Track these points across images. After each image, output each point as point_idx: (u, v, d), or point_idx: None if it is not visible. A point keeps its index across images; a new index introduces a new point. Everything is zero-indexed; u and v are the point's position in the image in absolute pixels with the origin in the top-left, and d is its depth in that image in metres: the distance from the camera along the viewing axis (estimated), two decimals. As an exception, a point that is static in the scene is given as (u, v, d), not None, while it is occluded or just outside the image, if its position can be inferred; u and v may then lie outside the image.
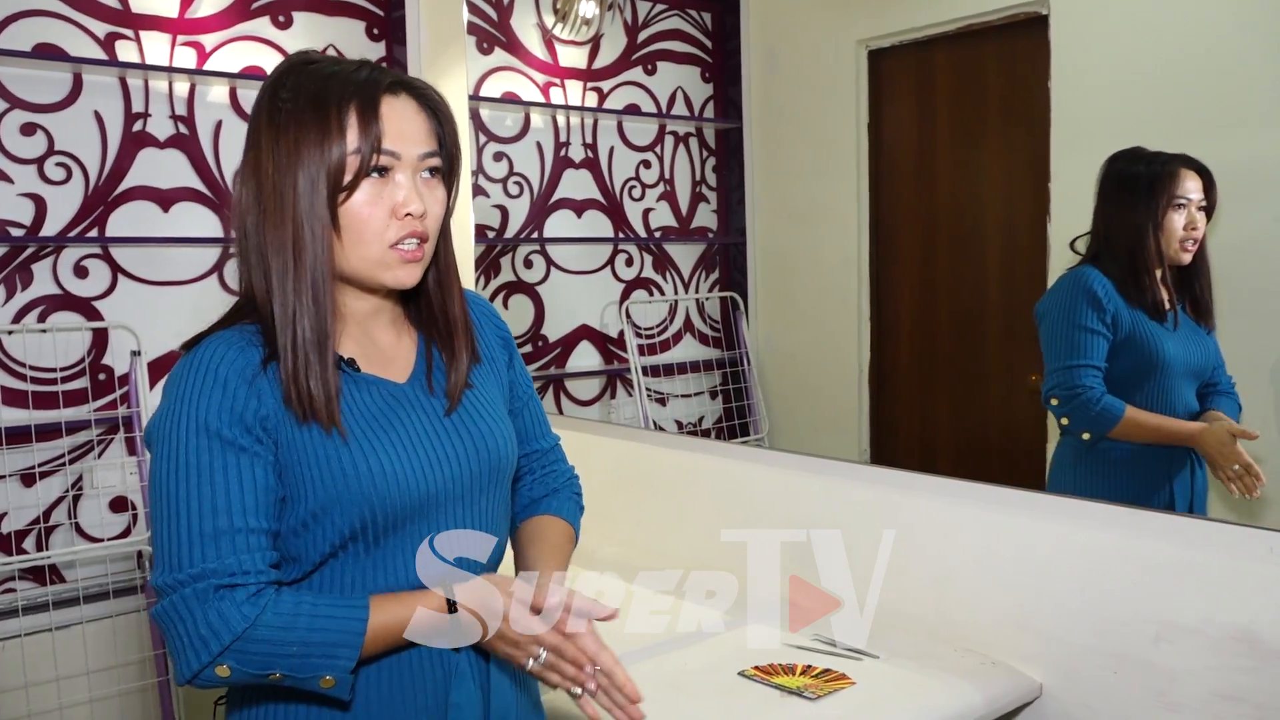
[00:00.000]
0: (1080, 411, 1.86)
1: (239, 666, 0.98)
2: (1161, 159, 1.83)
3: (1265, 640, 1.32)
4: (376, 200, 1.06)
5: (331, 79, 1.05)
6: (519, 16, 3.00)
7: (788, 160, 2.98)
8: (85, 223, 2.46)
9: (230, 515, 1.00)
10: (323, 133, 1.03)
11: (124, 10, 2.49)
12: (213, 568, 0.98)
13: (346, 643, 1.01)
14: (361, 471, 1.05)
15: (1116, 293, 1.84)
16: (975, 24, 2.35)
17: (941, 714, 1.44)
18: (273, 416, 1.03)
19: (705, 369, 3.12)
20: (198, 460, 1.00)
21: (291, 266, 1.03)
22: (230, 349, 1.03)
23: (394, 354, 1.16)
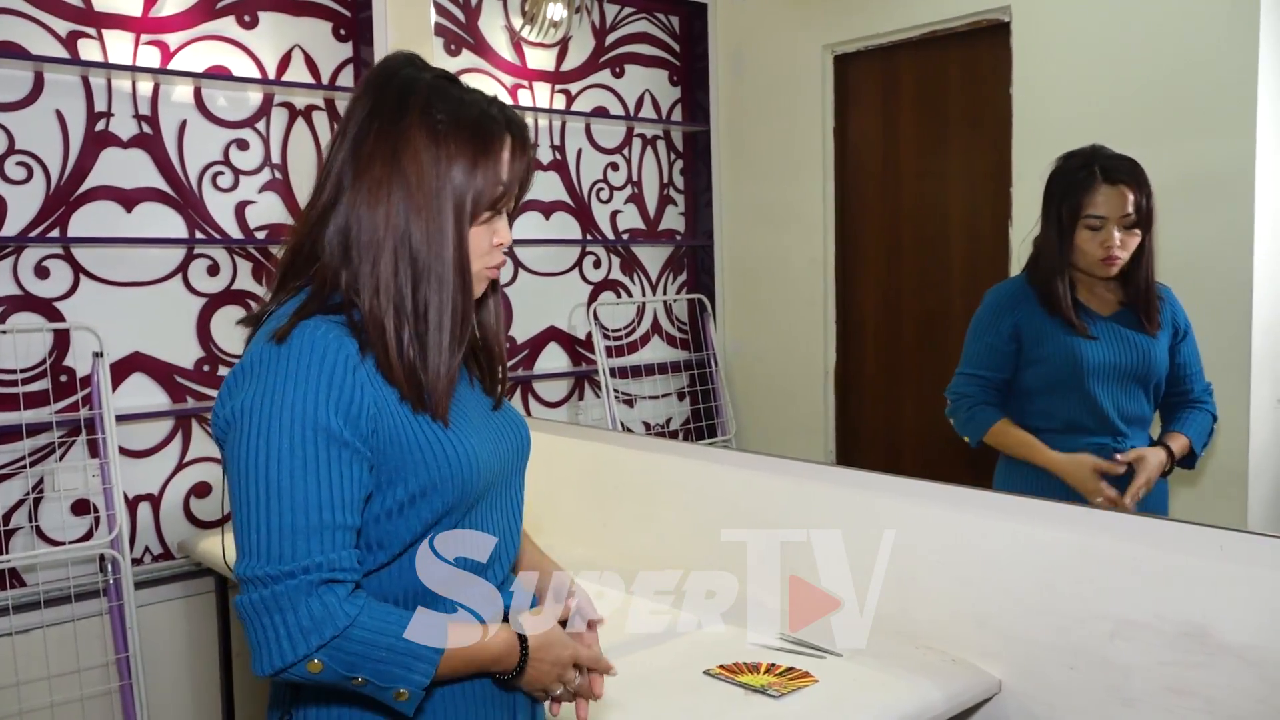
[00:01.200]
0: (957, 416, 1.97)
1: (330, 663, 1.00)
2: (1086, 168, 1.83)
3: (1216, 635, 1.35)
4: (487, 229, 1.14)
5: (485, 112, 1.12)
6: (487, 18, 3.00)
7: (755, 163, 3.01)
8: (46, 223, 2.43)
9: (334, 510, 1.02)
10: (482, 160, 1.10)
11: (86, 9, 2.46)
12: (319, 561, 1.00)
13: (426, 656, 1.04)
14: (461, 454, 1.10)
15: (1036, 302, 1.86)
16: (939, 30, 2.39)
17: (903, 711, 1.46)
18: (373, 406, 1.05)
19: (673, 371, 3.14)
20: (303, 451, 1.01)
21: (450, 274, 1.09)
22: (331, 338, 1.04)
23: None
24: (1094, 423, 1.84)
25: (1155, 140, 1.93)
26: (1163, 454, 1.80)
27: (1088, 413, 1.84)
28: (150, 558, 2.62)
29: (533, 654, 1.13)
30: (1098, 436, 1.83)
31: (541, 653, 1.14)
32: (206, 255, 2.68)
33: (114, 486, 2.41)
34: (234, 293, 2.72)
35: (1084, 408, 1.84)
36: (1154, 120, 1.96)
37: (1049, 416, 1.87)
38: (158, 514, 2.63)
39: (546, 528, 2.23)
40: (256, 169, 2.75)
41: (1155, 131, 1.95)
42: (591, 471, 2.40)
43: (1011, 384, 1.92)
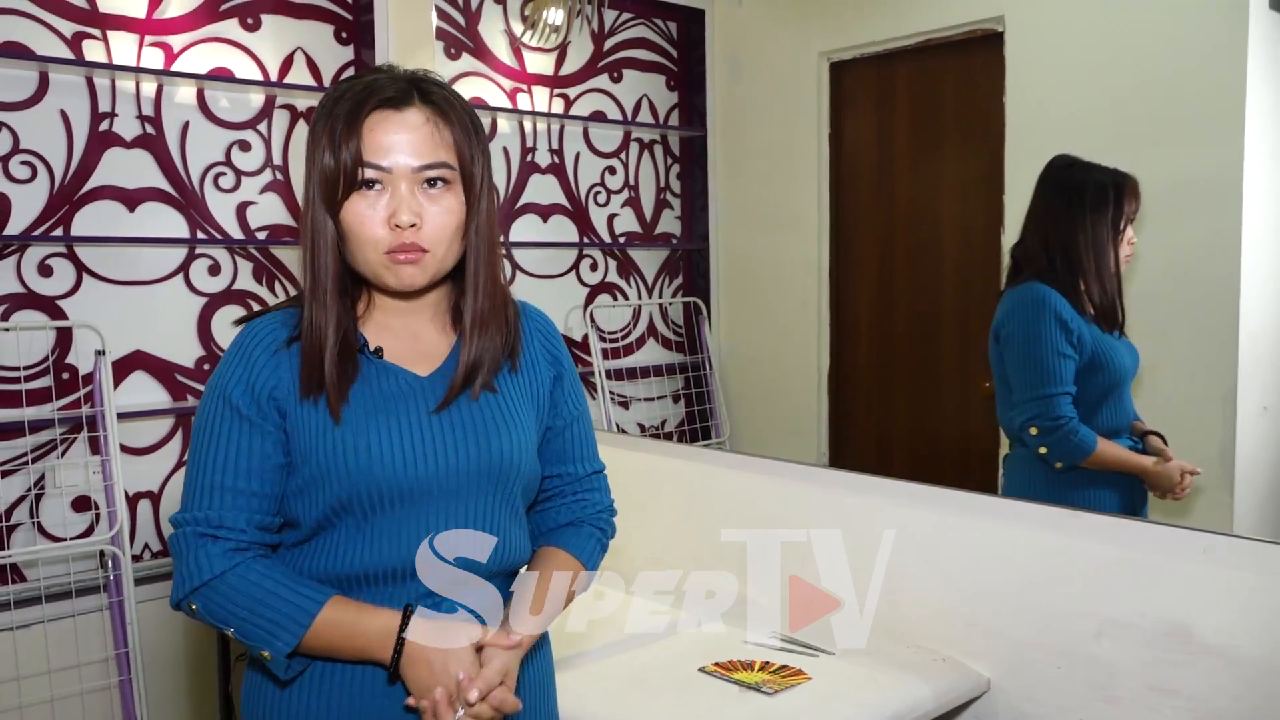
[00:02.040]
0: (1060, 444, 1.81)
1: (202, 609, 1.11)
2: (1114, 172, 1.85)
3: (1199, 635, 1.39)
4: (371, 210, 1.12)
5: (344, 93, 1.13)
6: (487, 22, 3.02)
7: (751, 168, 3.02)
8: (50, 221, 2.46)
9: (224, 473, 1.12)
10: (322, 145, 1.12)
11: (91, 10, 2.49)
12: (202, 516, 1.11)
13: (289, 628, 1.09)
14: (350, 449, 1.12)
15: (1076, 311, 1.83)
16: (934, 39, 2.40)
17: (893, 708, 1.50)
18: (283, 388, 1.14)
19: (668, 373, 3.16)
20: (211, 422, 1.14)
21: (310, 264, 1.15)
22: (265, 329, 1.16)
23: (429, 349, 1.21)
24: (1122, 427, 1.85)
25: (1145, 148, 1.94)
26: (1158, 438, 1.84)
27: (1121, 416, 1.85)
28: (150, 554, 2.65)
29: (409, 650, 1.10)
30: (1125, 438, 1.85)
31: (420, 652, 1.10)
32: (208, 255, 2.71)
33: (115, 483, 2.43)
34: (234, 292, 2.74)
35: (1120, 411, 1.85)
36: (1144, 129, 1.97)
37: (1093, 426, 1.84)
38: (157, 511, 2.65)
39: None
40: (258, 170, 2.77)
41: (1145, 140, 1.96)
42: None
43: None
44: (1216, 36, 1.89)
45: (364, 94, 1.12)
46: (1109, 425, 1.87)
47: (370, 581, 1.15)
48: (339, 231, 1.14)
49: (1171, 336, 1.88)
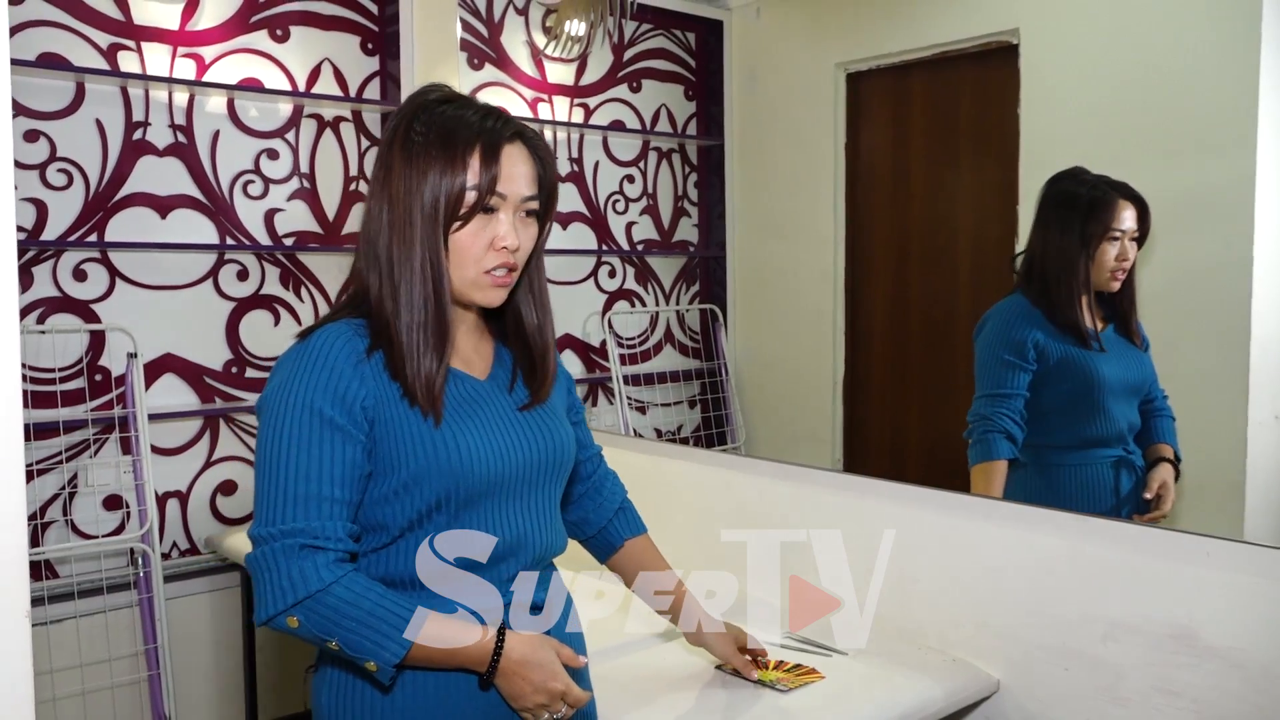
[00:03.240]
0: (976, 438, 1.96)
1: (305, 622, 1.12)
2: (1101, 188, 1.88)
3: (1203, 638, 1.42)
4: (480, 232, 1.21)
5: (461, 122, 1.20)
6: (509, 34, 3.07)
7: (767, 177, 3.04)
8: (85, 227, 2.53)
9: (320, 483, 1.14)
10: (448, 168, 1.18)
11: (126, 22, 2.56)
12: (301, 527, 1.13)
13: (396, 638, 1.13)
14: (450, 449, 1.19)
15: (1046, 321, 1.89)
16: (950, 51, 2.43)
17: (905, 706, 1.53)
18: (372, 397, 1.18)
19: (684, 379, 3.19)
20: (300, 433, 1.15)
21: (420, 279, 1.19)
22: (340, 338, 1.19)
23: (474, 356, 1.31)
24: (1110, 436, 1.89)
25: (1158, 159, 1.96)
26: (1170, 468, 1.86)
27: (1104, 427, 1.88)
28: (177, 553, 2.71)
29: (505, 666, 1.19)
30: (1113, 449, 1.89)
31: (518, 668, 1.19)
32: (236, 260, 2.77)
33: (145, 483, 2.49)
34: (262, 297, 2.81)
35: (1101, 422, 1.88)
36: (1157, 140, 1.99)
37: (1068, 433, 1.91)
38: (185, 510, 2.72)
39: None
40: (285, 178, 2.84)
41: (1158, 151, 1.98)
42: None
43: (1029, 404, 1.93)
44: (1228, 50, 1.90)
45: (497, 126, 1.21)
46: (1088, 435, 1.90)
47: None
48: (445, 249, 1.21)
49: (1183, 347, 1.91)
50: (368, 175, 2.99)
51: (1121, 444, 1.88)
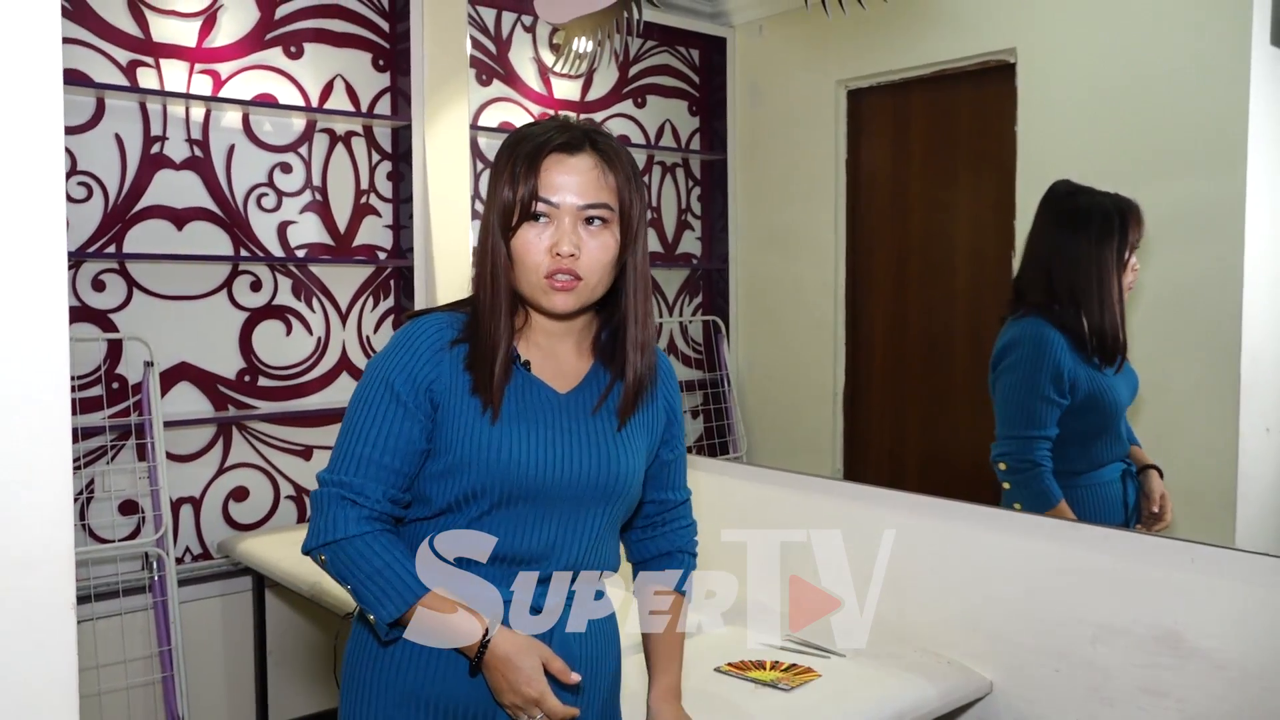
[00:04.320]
0: (1026, 487, 1.84)
1: (330, 561, 1.25)
2: (1117, 198, 1.87)
3: (1187, 640, 1.48)
4: (537, 239, 1.26)
5: (524, 137, 1.28)
6: (517, 50, 3.12)
7: (769, 191, 3.07)
8: (104, 239, 2.59)
9: (373, 446, 1.26)
10: (503, 181, 1.27)
11: (146, 39, 2.63)
12: (348, 480, 1.25)
13: (395, 600, 1.23)
14: (495, 446, 1.26)
15: (1073, 350, 1.83)
16: (949, 69, 2.46)
17: (900, 705, 1.59)
18: (443, 383, 1.27)
19: (687, 389, 3.20)
20: (372, 400, 1.27)
21: (489, 281, 1.28)
22: (433, 326, 1.30)
23: (569, 370, 1.35)
24: (1121, 453, 1.88)
25: (1152, 177, 1.99)
26: (1158, 474, 1.86)
27: (1116, 446, 1.88)
28: (190, 557, 2.76)
29: (488, 660, 1.25)
30: (1116, 464, 1.89)
31: (500, 664, 1.25)
32: (250, 272, 2.83)
33: (161, 489, 2.55)
34: (275, 307, 2.87)
35: (1114, 442, 1.88)
36: (1150, 157, 2.01)
37: (1083, 459, 1.87)
38: (199, 516, 2.77)
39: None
40: (298, 191, 2.90)
41: (1151, 168, 2.00)
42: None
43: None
44: (1220, 70, 1.93)
45: (544, 139, 1.27)
46: (1103, 458, 1.89)
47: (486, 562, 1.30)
48: (509, 256, 1.28)
49: (1175, 359, 1.93)
50: (378, 189, 3.06)
51: (1122, 457, 1.90)
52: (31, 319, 0.87)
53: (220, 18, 2.73)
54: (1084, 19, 2.14)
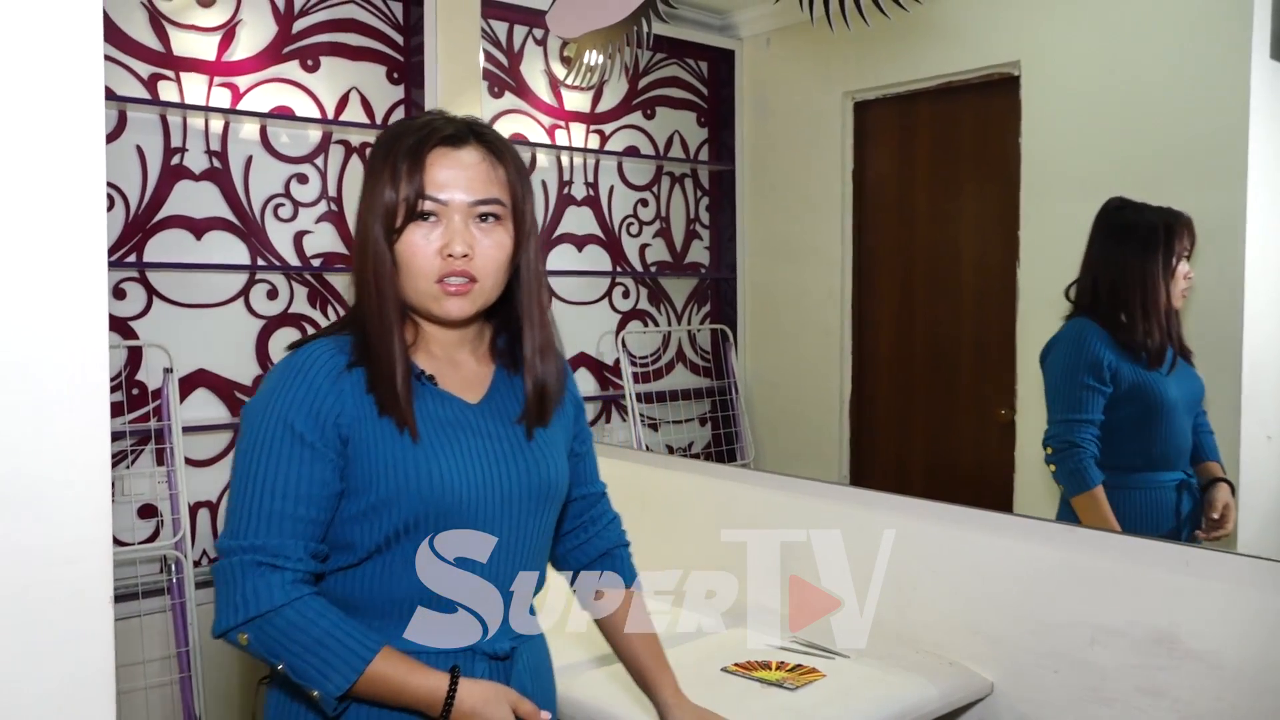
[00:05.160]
0: (1066, 466, 1.90)
1: (254, 640, 1.10)
2: (1166, 211, 1.90)
3: (1183, 642, 1.51)
4: (425, 241, 1.17)
5: (403, 132, 1.20)
6: (529, 63, 3.17)
7: (777, 201, 3.08)
8: (125, 248, 2.65)
9: (285, 499, 1.11)
10: (383, 180, 1.17)
11: (166, 53, 2.68)
12: (260, 544, 1.10)
13: (342, 671, 1.09)
14: (424, 471, 1.15)
15: (1115, 345, 1.88)
16: (954, 82, 2.48)
17: (903, 705, 1.62)
18: (348, 414, 1.15)
19: (696, 397, 3.23)
20: (272, 448, 1.12)
21: (373, 293, 1.18)
22: (322, 353, 1.17)
23: (473, 379, 1.26)
24: (1174, 458, 1.89)
25: (1153, 186, 2.00)
26: (1227, 488, 1.86)
27: (1168, 448, 1.89)
28: (208, 560, 2.81)
29: (456, 716, 1.13)
30: (1174, 472, 1.89)
31: (469, 718, 1.13)
32: (267, 280, 2.88)
33: (179, 493, 2.60)
34: (291, 316, 2.92)
35: (1165, 443, 1.89)
36: (1152, 170, 2.04)
37: (1134, 455, 1.91)
38: (215, 519, 2.82)
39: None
40: (314, 201, 2.95)
41: (1152, 180, 2.02)
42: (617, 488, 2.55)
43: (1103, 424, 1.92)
44: (1220, 83, 1.94)
45: (425, 133, 1.18)
46: (1157, 461, 1.90)
47: (424, 603, 1.18)
48: (394, 262, 1.18)
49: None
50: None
51: (1181, 466, 1.89)
52: (74, 327, 0.91)
53: (239, 32, 2.79)
54: (1087, 33, 2.16)
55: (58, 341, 0.90)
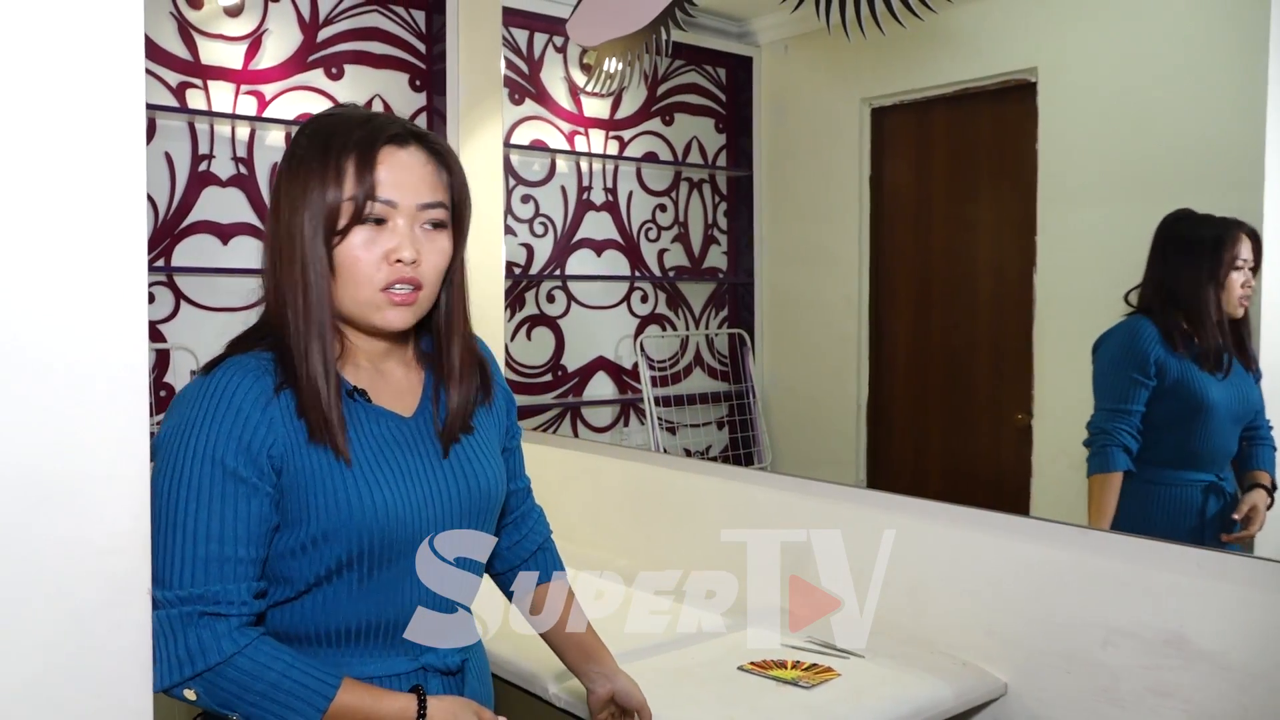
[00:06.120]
0: (1092, 447, 1.97)
1: (205, 695, 1.03)
2: (1224, 223, 1.92)
3: (1194, 643, 1.53)
4: (370, 245, 1.09)
5: (339, 127, 1.11)
6: (548, 70, 3.20)
7: (794, 207, 3.10)
8: (154, 253, 2.70)
9: (222, 543, 1.04)
10: (323, 179, 1.08)
11: (194, 62, 2.74)
12: (199, 593, 1.03)
13: (305, 712, 1.04)
14: (366, 503, 1.09)
15: (1163, 342, 1.93)
16: (970, 88, 2.49)
17: (917, 704, 1.64)
18: (280, 443, 1.07)
19: (713, 400, 3.24)
20: (199, 486, 1.04)
21: (302, 304, 1.09)
22: (246, 377, 1.08)
23: (404, 389, 1.21)
24: (1207, 460, 1.92)
25: (1170, 194, 2.01)
26: (1264, 495, 1.86)
27: (1203, 449, 1.92)
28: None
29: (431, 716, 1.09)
30: (1206, 473, 1.92)
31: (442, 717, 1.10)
32: (291, 284, 2.92)
33: (205, 493, 2.64)
34: (314, 319, 2.96)
35: (1201, 444, 1.92)
36: (1168, 175, 2.05)
37: (1168, 450, 1.95)
38: (240, 520, 2.86)
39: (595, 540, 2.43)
40: (337, 207, 2.99)
41: (1169, 186, 2.04)
42: (634, 490, 2.58)
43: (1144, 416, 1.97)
44: (1237, 87, 1.95)
45: (370, 128, 1.10)
46: (1190, 459, 1.94)
47: (368, 635, 1.15)
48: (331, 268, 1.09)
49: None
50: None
51: (1215, 469, 1.91)
52: (116, 330, 0.96)
53: (265, 41, 2.84)
54: (1103, 39, 2.18)
55: (101, 344, 0.95)
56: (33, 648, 0.92)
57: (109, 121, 0.93)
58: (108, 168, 0.94)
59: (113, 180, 0.94)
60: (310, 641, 1.13)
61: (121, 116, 0.94)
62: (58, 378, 0.92)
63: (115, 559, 0.97)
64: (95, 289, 0.94)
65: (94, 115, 0.92)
